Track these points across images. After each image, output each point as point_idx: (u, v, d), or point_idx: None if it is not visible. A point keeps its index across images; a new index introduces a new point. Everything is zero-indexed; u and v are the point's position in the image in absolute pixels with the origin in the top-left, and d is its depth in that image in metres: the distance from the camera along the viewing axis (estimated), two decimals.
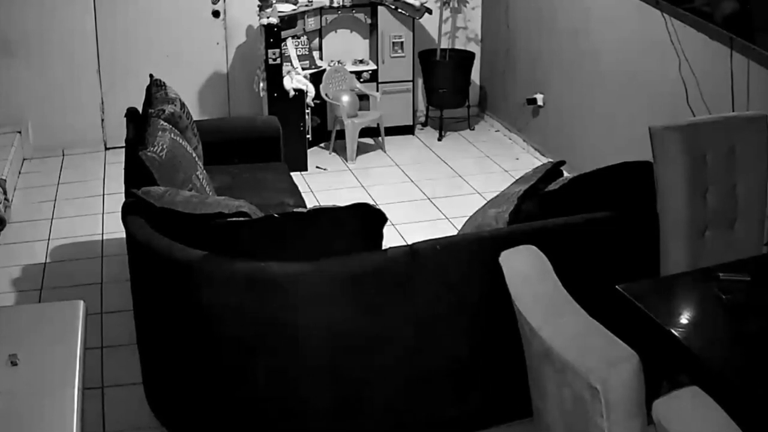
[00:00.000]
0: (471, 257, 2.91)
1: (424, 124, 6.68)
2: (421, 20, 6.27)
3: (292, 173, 4.57)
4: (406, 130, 6.43)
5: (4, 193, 5.15)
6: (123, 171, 3.69)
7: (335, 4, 6.12)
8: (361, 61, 6.31)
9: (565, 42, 5.53)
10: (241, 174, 4.31)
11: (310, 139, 6.01)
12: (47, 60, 5.97)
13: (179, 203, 2.92)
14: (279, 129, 4.71)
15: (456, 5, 6.49)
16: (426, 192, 5.43)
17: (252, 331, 2.82)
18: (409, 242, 3.00)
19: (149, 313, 3.12)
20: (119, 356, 3.66)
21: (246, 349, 2.84)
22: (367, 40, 6.40)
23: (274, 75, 5.68)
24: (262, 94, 5.81)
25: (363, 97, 6.10)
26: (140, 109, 3.96)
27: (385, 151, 6.10)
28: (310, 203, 4.61)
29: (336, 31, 6.33)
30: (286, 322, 2.80)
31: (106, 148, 6.19)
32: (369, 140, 6.22)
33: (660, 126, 2.90)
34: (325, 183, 5.59)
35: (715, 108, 4.02)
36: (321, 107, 6.08)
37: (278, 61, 5.66)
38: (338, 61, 6.23)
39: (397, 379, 2.96)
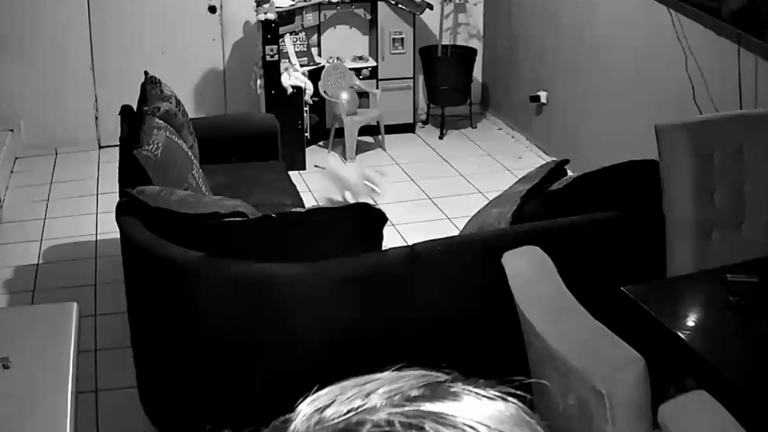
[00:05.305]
0: (473, 258, 2.89)
1: (425, 122, 6.63)
2: (421, 16, 6.23)
3: (289, 172, 4.54)
4: (407, 128, 6.39)
5: None
6: (117, 170, 3.66)
7: (334, 0, 6.07)
8: (360, 58, 6.26)
9: (570, 38, 5.49)
10: (237, 173, 4.28)
11: (309, 137, 5.97)
12: (40, 56, 5.92)
13: (174, 203, 2.91)
14: (277, 127, 4.68)
15: (458, 0, 6.44)
16: (427, 191, 5.39)
17: (249, 333, 2.79)
18: (410, 242, 2.97)
19: (144, 315, 3.10)
20: (113, 359, 3.62)
21: (243, 351, 2.82)
22: (367, 37, 6.35)
23: (272, 72, 5.63)
24: (259, 92, 5.77)
25: (362, 95, 6.06)
26: (135, 107, 3.94)
27: (385, 150, 6.06)
28: (309, 203, 4.56)
29: (335, 27, 6.29)
30: (284, 325, 2.79)
31: (100, 147, 6.14)
32: (369, 138, 6.17)
33: (666, 124, 2.89)
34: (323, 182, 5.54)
35: (722, 106, 3.98)
36: (319, 105, 6.04)
37: (276, 57, 5.62)
38: (337, 58, 6.18)
39: None
